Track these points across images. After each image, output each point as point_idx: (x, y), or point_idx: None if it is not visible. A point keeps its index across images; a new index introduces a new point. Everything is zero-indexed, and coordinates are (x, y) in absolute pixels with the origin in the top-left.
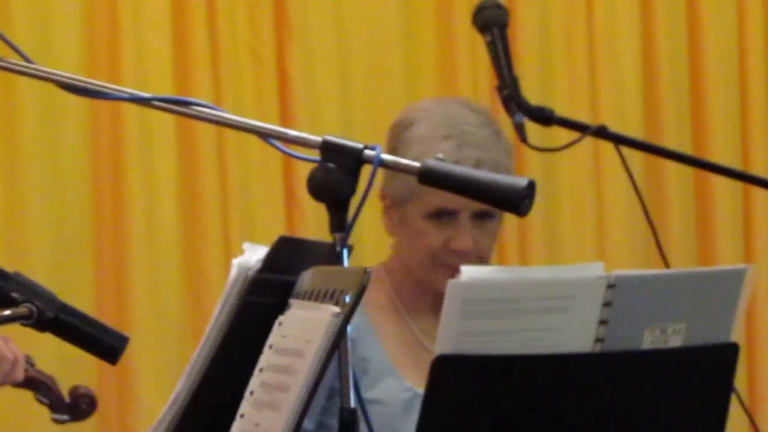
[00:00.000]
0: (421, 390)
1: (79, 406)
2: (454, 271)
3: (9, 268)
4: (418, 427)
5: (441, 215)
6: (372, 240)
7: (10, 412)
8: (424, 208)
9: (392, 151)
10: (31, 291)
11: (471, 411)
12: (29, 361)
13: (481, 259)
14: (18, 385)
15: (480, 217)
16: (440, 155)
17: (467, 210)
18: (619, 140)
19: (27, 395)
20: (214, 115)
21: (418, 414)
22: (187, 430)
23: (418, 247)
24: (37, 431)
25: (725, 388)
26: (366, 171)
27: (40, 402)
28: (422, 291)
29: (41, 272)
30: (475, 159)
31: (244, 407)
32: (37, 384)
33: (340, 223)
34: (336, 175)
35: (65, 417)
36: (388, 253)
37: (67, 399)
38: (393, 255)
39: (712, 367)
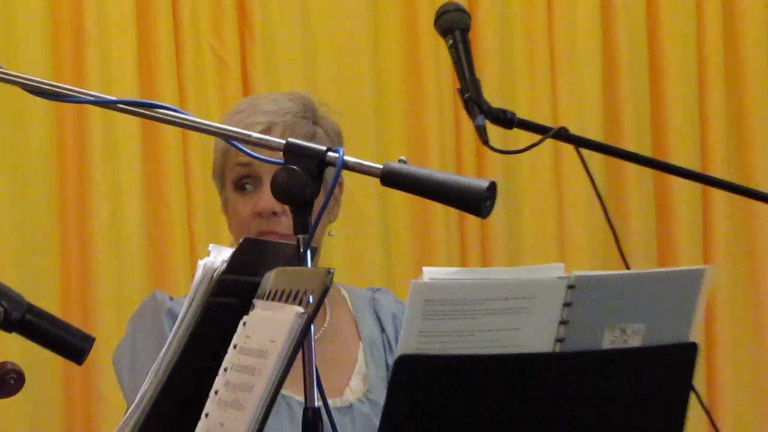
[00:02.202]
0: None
1: (7, 381)
2: (268, 236)
3: None
4: (381, 426)
5: (245, 185)
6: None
7: None
8: (231, 178)
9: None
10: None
11: (432, 410)
12: None
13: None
14: None
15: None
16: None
17: (269, 173)
18: (579, 142)
19: None
20: (179, 118)
21: (381, 413)
22: (153, 429)
23: (235, 225)
24: None
25: (685, 387)
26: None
27: None
28: None
29: (7, 273)
30: (266, 123)
31: (209, 407)
32: None
33: (304, 225)
34: (299, 177)
35: None
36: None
37: None
38: None
39: (671, 367)
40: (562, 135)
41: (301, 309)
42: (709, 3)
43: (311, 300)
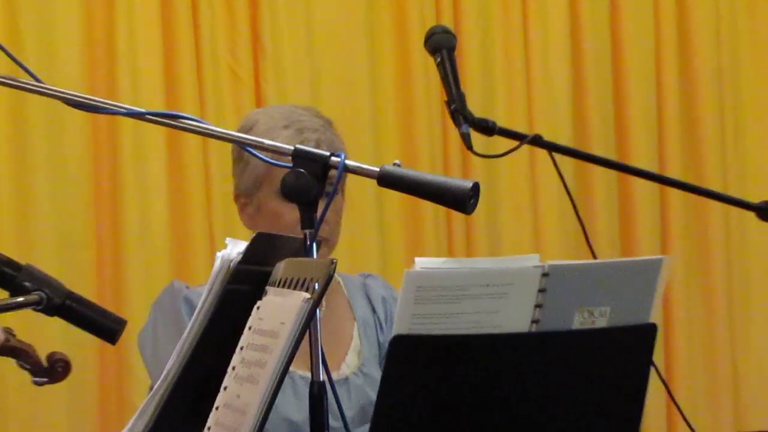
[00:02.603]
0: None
1: (56, 369)
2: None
3: (21, 261)
4: (379, 398)
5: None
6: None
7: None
8: (274, 188)
9: (239, 153)
10: (41, 280)
11: (423, 382)
12: (10, 332)
13: (331, 232)
14: (2, 352)
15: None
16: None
17: None
18: (551, 148)
19: (10, 362)
20: (200, 127)
21: (378, 388)
22: (177, 401)
23: (278, 228)
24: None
25: (645, 363)
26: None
27: (22, 367)
28: None
29: (49, 264)
30: (315, 140)
31: (227, 381)
32: (18, 352)
33: (310, 221)
34: (305, 179)
35: (44, 380)
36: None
37: (45, 364)
38: None
39: (633, 345)
40: (537, 141)
41: (307, 295)
42: (666, 27)
43: (317, 287)
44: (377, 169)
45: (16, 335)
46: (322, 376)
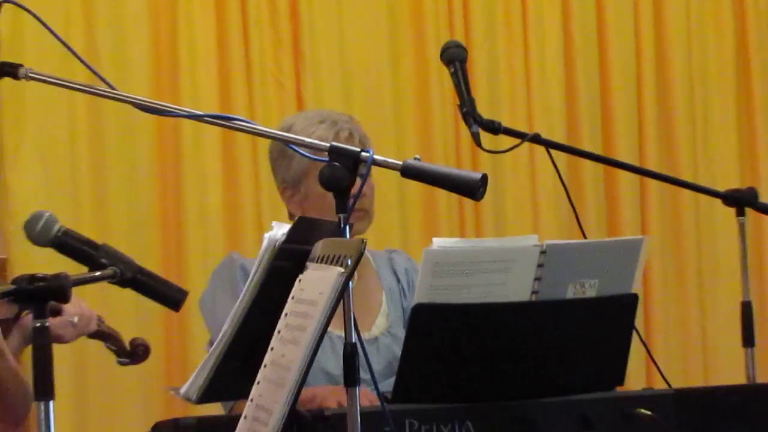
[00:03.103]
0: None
1: (137, 352)
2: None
3: (98, 241)
4: (402, 356)
5: (352, 207)
6: None
7: (90, 358)
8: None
9: (281, 151)
10: (116, 257)
11: (440, 344)
12: (101, 320)
13: (371, 209)
14: (92, 336)
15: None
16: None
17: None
18: (548, 144)
19: (101, 349)
20: (250, 127)
21: (402, 349)
22: (231, 360)
23: (327, 211)
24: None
25: (628, 327)
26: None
27: (109, 349)
28: None
29: (122, 243)
30: (349, 131)
31: (274, 342)
32: (107, 336)
33: (343, 206)
34: (340, 171)
35: (127, 360)
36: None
37: (128, 347)
38: None
39: (618, 312)
40: (536, 139)
41: (341, 269)
42: (644, 41)
43: (349, 263)
44: (401, 163)
45: (105, 322)
46: (354, 338)
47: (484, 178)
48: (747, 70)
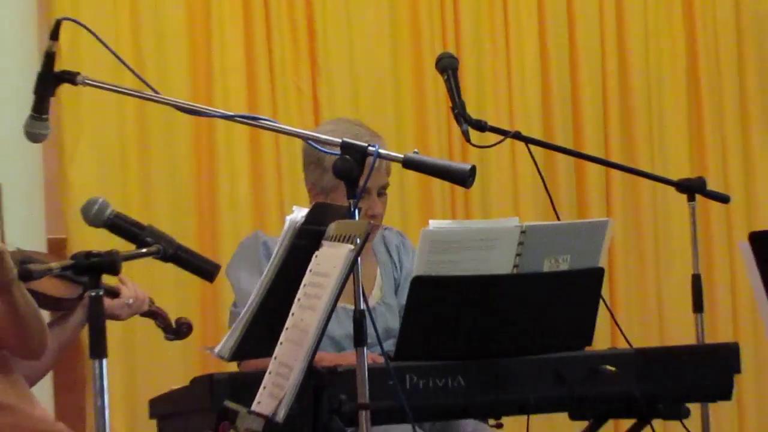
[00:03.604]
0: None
1: (182, 330)
2: (374, 228)
3: (144, 223)
4: (403, 321)
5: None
6: None
7: (143, 334)
8: (344, 192)
9: (317, 161)
10: (159, 236)
11: (436, 310)
12: (151, 301)
13: (381, 218)
14: (144, 315)
15: (382, 192)
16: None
17: (375, 188)
18: (527, 140)
19: (150, 323)
20: (274, 126)
21: (402, 315)
22: (258, 324)
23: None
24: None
25: (595, 296)
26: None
27: (158, 326)
28: None
29: (165, 225)
30: (369, 135)
31: (294, 308)
32: (157, 315)
33: (353, 193)
34: (350, 163)
35: (172, 337)
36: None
37: (174, 326)
38: None
39: (587, 283)
40: (517, 136)
41: (351, 246)
42: (608, 50)
43: (358, 241)
44: (402, 156)
45: (155, 303)
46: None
47: (473, 169)
48: (696, 75)
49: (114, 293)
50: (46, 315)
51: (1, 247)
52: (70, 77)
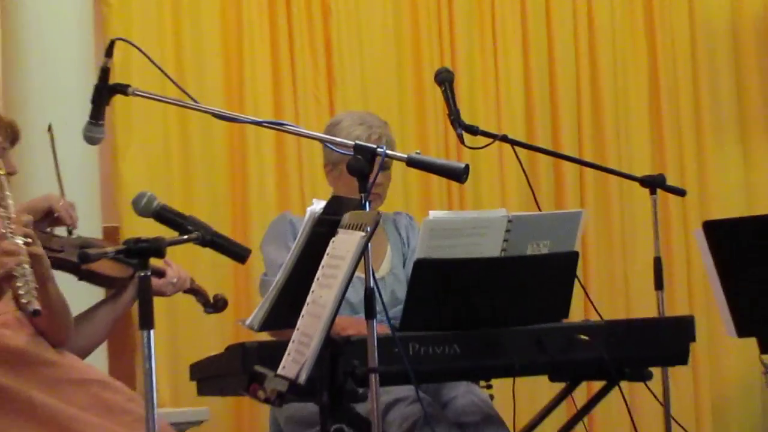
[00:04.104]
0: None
1: (218, 304)
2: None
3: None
4: (407, 299)
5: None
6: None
7: (185, 308)
8: None
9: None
10: (198, 224)
11: (435, 288)
12: (193, 280)
13: (384, 193)
14: (186, 292)
15: (384, 168)
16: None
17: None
18: (513, 143)
19: (191, 299)
20: (296, 130)
21: (405, 294)
22: (283, 299)
23: (349, 187)
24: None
25: (571, 275)
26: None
27: (198, 302)
28: None
29: (203, 215)
30: (379, 134)
31: (314, 286)
32: (197, 292)
33: (364, 187)
34: (361, 162)
35: (211, 311)
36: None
37: (212, 301)
38: None
39: (564, 264)
40: (504, 139)
41: (363, 234)
42: (582, 64)
43: (368, 229)
44: (406, 156)
45: (196, 281)
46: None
47: (467, 167)
48: (656, 86)
49: (160, 273)
50: (101, 292)
51: (40, 251)
52: (122, 89)
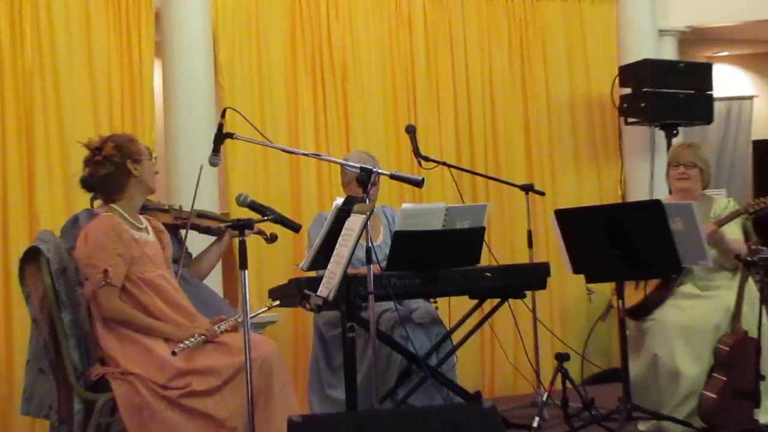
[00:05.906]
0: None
1: (272, 237)
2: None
3: (266, 204)
4: (390, 254)
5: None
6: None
7: (266, 253)
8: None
9: (343, 170)
10: (273, 212)
11: (405, 249)
12: (265, 232)
13: (375, 195)
14: (256, 233)
15: (374, 183)
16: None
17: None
18: (449, 165)
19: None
20: (328, 159)
21: (389, 250)
22: (320, 253)
23: (358, 194)
24: None
25: (481, 240)
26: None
27: (261, 236)
28: None
29: (275, 206)
30: (372, 163)
31: (337, 246)
32: (262, 232)
33: (365, 191)
34: (364, 177)
35: (268, 239)
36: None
37: (268, 236)
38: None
39: (477, 234)
40: (444, 163)
41: (364, 216)
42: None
43: (367, 214)
44: (389, 173)
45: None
46: (371, 245)
47: (423, 179)
48: (528, 130)
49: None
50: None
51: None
52: (230, 135)
